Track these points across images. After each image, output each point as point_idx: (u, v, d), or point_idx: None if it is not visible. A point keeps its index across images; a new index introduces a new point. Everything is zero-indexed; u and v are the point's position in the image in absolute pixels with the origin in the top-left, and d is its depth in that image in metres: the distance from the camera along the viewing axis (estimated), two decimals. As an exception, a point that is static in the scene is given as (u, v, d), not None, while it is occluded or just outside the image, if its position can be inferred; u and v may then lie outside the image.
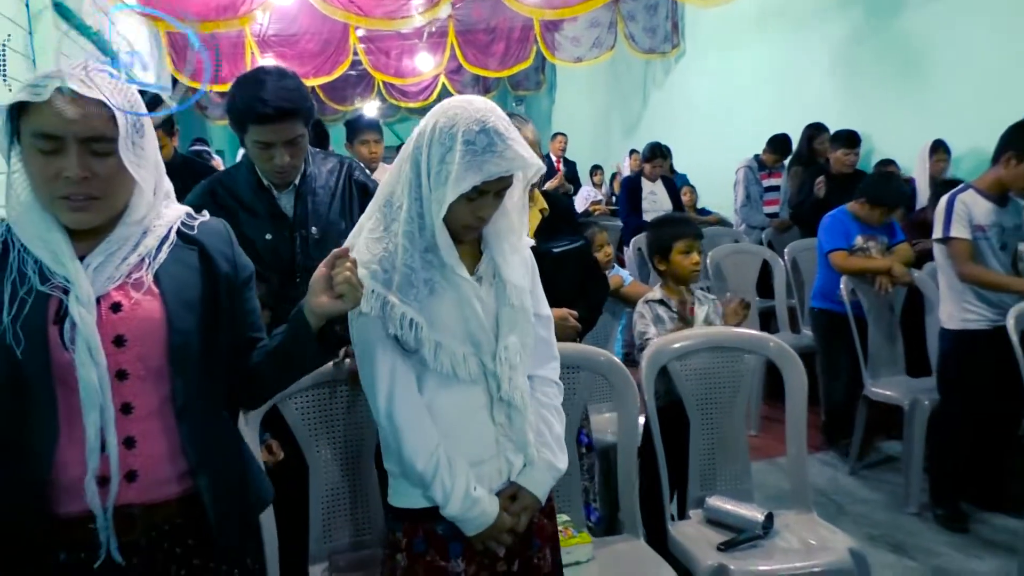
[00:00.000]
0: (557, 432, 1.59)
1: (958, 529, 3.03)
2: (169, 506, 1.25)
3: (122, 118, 1.17)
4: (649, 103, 9.60)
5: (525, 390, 1.51)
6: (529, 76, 11.37)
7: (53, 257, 1.18)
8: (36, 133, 1.14)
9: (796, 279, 4.58)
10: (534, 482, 1.52)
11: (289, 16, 7.20)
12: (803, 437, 2.29)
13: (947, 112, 4.85)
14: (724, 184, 6.59)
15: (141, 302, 1.22)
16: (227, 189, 2.13)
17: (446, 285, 1.43)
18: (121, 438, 1.19)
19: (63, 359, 1.15)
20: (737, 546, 2.07)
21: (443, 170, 1.36)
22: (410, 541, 1.50)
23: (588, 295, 2.36)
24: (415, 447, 1.42)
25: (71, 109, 1.13)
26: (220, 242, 1.35)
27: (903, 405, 3.30)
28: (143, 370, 1.21)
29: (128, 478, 1.20)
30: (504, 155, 1.35)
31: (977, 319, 2.98)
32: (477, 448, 1.49)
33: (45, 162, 1.15)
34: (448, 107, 1.41)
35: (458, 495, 1.42)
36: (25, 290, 1.17)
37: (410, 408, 1.43)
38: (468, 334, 1.45)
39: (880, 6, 5.46)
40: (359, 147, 4.06)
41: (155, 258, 1.25)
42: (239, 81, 2.03)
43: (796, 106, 6.27)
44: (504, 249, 1.51)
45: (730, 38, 7.37)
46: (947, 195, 3.06)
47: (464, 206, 1.39)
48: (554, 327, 2.15)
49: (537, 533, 1.59)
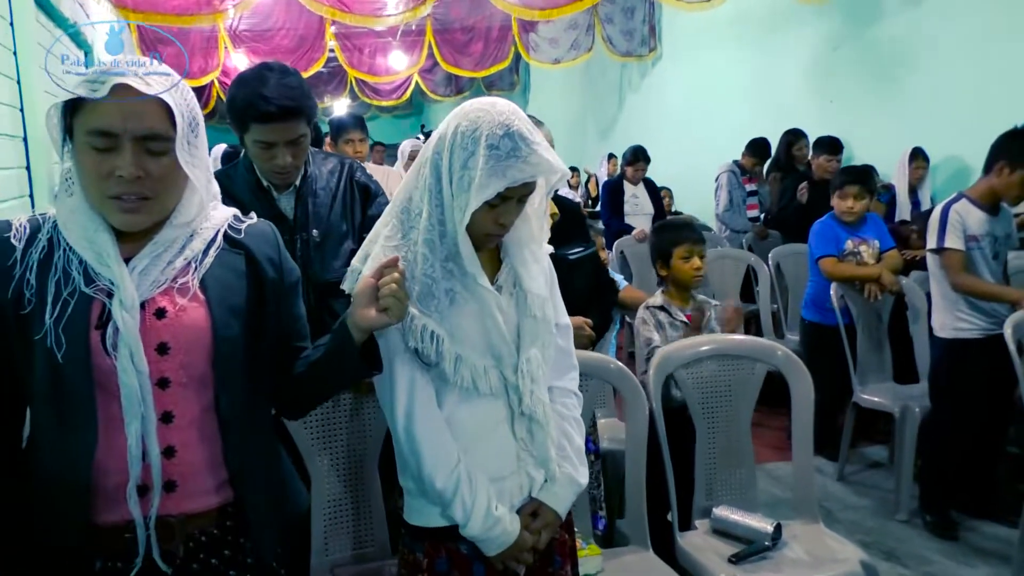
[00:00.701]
0: (578, 445, 1.55)
1: (948, 537, 3.05)
2: (207, 516, 1.23)
3: (180, 116, 1.13)
4: (625, 106, 9.63)
5: (547, 403, 1.47)
6: (503, 76, 11.33)
7: (98, 258, 1.14)
8: (91, 130, 1.10)
9: (780, 284, 4.60)
10: (555, 498, 1.48)
11: (263, 11, 7.06)
12: (809, 447, 2.28)
13: (925, 119, 4.92)
14: (699, 188, 6.63)
15: (187, 309, 1.18)
16: (224, 189, 2.01)
17: (467, 296, 1.38)
18: (161, 447, 1.16)
19: (105, 365, 1.12)
20: (747, 558, 2.04)
21: (466, 176, 1.31)
22: (431, 561, 1.44)
23: (600, 302, 2.33)
24: (435, 465, 1.37)
25: (129, 107, 1.10)
26: (267, 246, 1.31)
27: (893, 412, 3.31)
28: (185, 378, 1.18)
29: (167, 488, 1.18)
30: (529, 160, 1.30)
31: (969, 328, 3.00)
32: (498, 463, 1.44)
33: (99, 160, 1.11)
34: (470, 110, 1.35)
35: (479, 514, 1.38)
36: (69, 291, 1.13)
37: (429, 424, 1.38)
38: (489, 346, 1.40)
39: (857, 13, 5.52)
40: (343, 146, 3.98)
41: (201, 263, 1.22)
42: (240, 78, 1.94)
43: (772, 111, 6.33)
44: (525, 258, 1.46)
45: (707, 42, 7.42)
46: (941, 205, 3.08)
47: (486, 213, 1.34)
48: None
49: (558, 549, 1.55)
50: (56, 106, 1.13)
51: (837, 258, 3.62)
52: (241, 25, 7.55)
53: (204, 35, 7.15)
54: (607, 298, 2.40)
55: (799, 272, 4.45)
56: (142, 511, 1.15)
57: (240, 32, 7.73)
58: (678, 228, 2.72)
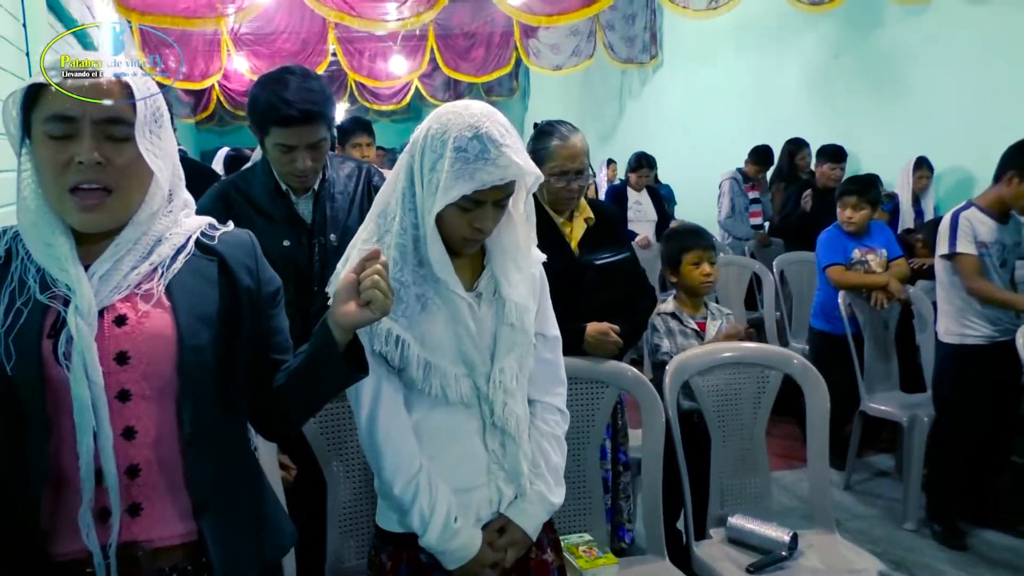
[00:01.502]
0: (555, 463, 1.51)
1: (956, 546, 3.04)
2: (177, 550, 1.12)
3: (140, 102, 1.09)
4: (625, 113, 9.65)
5: (521, 417, 1.44)
6: (503, 82, 11.36)
7: (56, 263, 1.07)
8: (49, 117, 1.05)
9: (784, 292, 4.60)
10: (524, 515, 1.45)
11: (266, 15, 7.05)
12: (825, 456, 2.28)
13: (928, 128, 4.93)
14: (698, 195, 6.63)
15: (150, 314, 1.10)
16: (242, 193, 2.03)
17: (439, 302, 1.36)
18: (123, 466, 1.07)
19: (58, 376, 1.04)
20: (765, 568, 2.03)
21: (434, 178, 1.29)
22: (395, 566, 1.43)
23: (635, 308, 2.31)
24: (394, 470, 1.35)
25: (87, 87, 1.06)
26: (243, 254, 1.23)
27: (901, 421, 3.31)
28: (149, 390, 1.09)
29: (131, 511, 1.08)
30: (497, 163, 1.27)
31: (975, 335, 3.01)
32: (467, 474, 1.42)
33: (57, 148, 1.05)
34: (443, 112, 1.34)
35: (437, 525, 1.35)
36: (23, 300, 1.06)
37: (392, 429, 1.36)
38: (461, 354, 1.37)
39: (859, 21, 5.54)
40: (350, 150, 3.95)
41: (168, 268, 1.14)
42: (261, 81, 1.93)
43: (773, 119, 6.35)
44: (507, 266, 1.42)
45: (708, 50, 7.43)
46: (950, 212, 3.09)
47: (460, 217, 1.32)
48: (592, 342, 2.12)
49: (535, 569, 1.50)
50: (15, 96, 1.07)
51: (844, 267, 3.62)
52: (243, 28, 7.54)
53: (206, 38, 7.15)
54: (642, 305, 2.37)
55: (804, 280, 4.45)
56: (102, 538, 1.05)
57: (242, 35, 7.72)
58: (688, 235, 2.72)
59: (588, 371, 2.09)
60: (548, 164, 2.22)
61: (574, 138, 2.22)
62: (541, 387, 1.53)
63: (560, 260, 2.20)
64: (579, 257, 2.24)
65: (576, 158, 2.20)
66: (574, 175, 2.20)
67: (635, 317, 2.30)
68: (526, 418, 1.46)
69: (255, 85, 1.93)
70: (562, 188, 2.22)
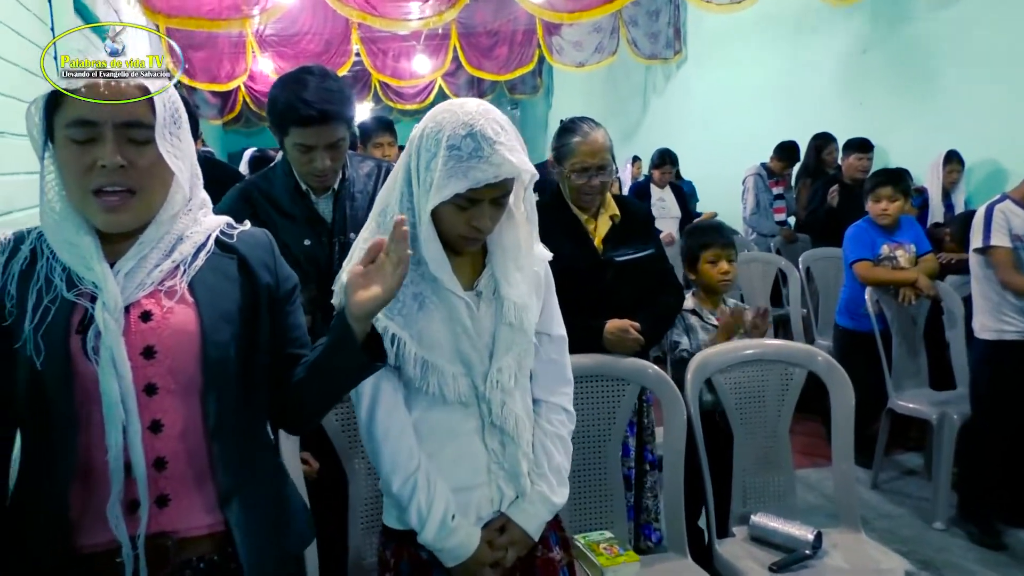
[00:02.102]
0: (557, 463, 1.50)
1: (992, 546, 2.99)
2: (204, 541, 1.16)
3: (160, 105, 1.11)
4: (649, 109, 9.60)
5: (520, 417, 1.43)
6: (526, 80, 11.35)
7: (82, 262, 1.10)
8: (71, 122, 1.07)
9: (810, 288, 4.55)
10: (524, 515, 1.44)
11: (290, 16, 7.11)
12: (850, 454, 2.25)
13: (957, 122, 4.84)
14: (724, 191, 6.58)
15: (174, 310, 1.13)
16: (263, 193, 2.05)
17: (437, 301, 1.36)
18: (151, 459, 1.10)
19: (86, 371, 1.07)
20: (788, 567, 2.01)
21: (428, 177, 1.29)
22: (396, 562, 1.44)
23: (657, 306, 2.29)
24: (392, 467, 1.36)
25: (107, 93, 1.08)
26: (262, 252, 1.27)
27: (931, 419, 3.26)
28: (174, 384, 1.12)
29: (159, 503, 1.11)
30: (491, 160, 1.26)
31: (1013, 330, 2.96)
32: (466, 474, 1.42)
33: (80, 152, 1.08)
34: (438, 111, 1.34)
35: (434, 522, 1.35)
36: (50, 298, 1.09)
37: (391, 427, 1.36)
38: (459, 353, 1.37)
39: (887, 14, 5.46)
40: (372, 150, 3.97)
41: (191, 265, 1.17)
42: (281, 81, 1.95)
43: (799, 115, 6.27)
44: (507, 266, 1.42)
45: (733, 45, 7.37)
46: (984, 205, 3.04)
47: (457, 215, 1.31)
48: (612, 340, 2.11)
49: (541, 568, 1.50)
50: (37, 102, 1.10)
51: (872, 262, 3.57)
52: (268, 30, 7.60)
53: (231, 40, 7.22)
54: (666, 302, 2.35)
55: (830, 276, 4.40)
56: (130, 529, 1.08)
57: (267, 37, 7.79)
58: (707, 231, 2.70)
59: (609, 368, 2.09)
60: (569, 160, 2.22)
61: (595, 134, 2.22)
62: (546, 387, 1.53)
63: (583, 257, 2.20)
64: (602, 254, 2.24)
65: (597, 154, 2.20)
66: (596, 171, 2.19)
67: (657, 314, 2.28)
68: (526, 418, 1.46)
69: (274, 86, 1.95)
70: (584, 184, 2.22)
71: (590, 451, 2.07)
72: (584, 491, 2.07)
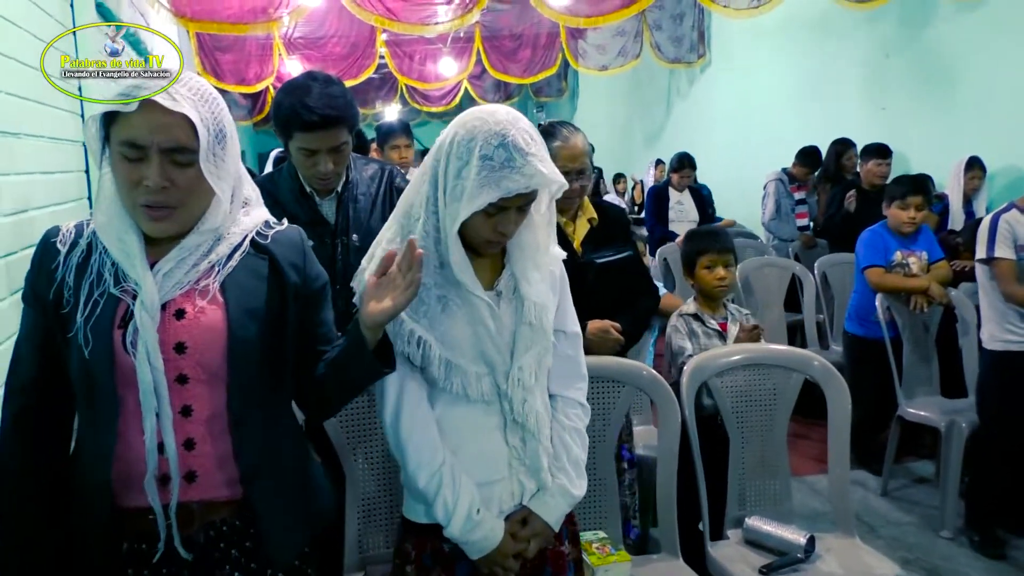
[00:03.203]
0: (576, 456, 1.54)
1: (995, 555, 2.97)
2: (228, 506, 1.27)
3: (204, 131, 1.18)
4: (672, 112, 9.58)
5: (540, 413, 1.47)
6: (551, 83, 11.38)
7: (127, 260, 1.21)
8: (123, 141, 1.17)
9: (826, 294, 4.53)
10: (546, 507, 1.48)
11: (317, 19, 7.22)
12: (846, 459, 2.25)
13: (980, 128, 4.79)
14: (746, 195, 6.56)
15: (205, 310, 1.24)
16: (269, 195, 2.09)
17: (460, 303, 1.40)
18: (181, 440, 1.22)
19: (126, 362, 1.19)
20: (778, 570, 2.02)
21: (459, 185, 1.33)
22: (419, 555, 1.48)
23: (636, 307, 2.33)
24: (418, 463, 1.40)
25: (155, 120, 1.16)
26: (292, 252, 1.34)
27: (939, 427, 3.24)
28: (204, 375, 1.23)
29: (188, 478, 1.23)
30: (523, 171, 1.30)
31: (1020, 340, 2.93)
32: (488, 469, 1.46)
33: (130, 169, 1.18)
34: (469, 118, 1.37)
35: (460, 516, 1.39)
36: (100, 292, 1.21)
37: (416, 423, 1.41)
38: (481, 354, 1.42)
39: (910, 19, 5.41)
40: (390, 152, 4.05)
41: (224, 266, 1.27)
42: (285, 87, 2.01)
43: (822, 119, 6.24)
44: (526, 265, 1.46)
45: (757, 49, 7.34)
46: (990, 214, 3.01)
47: (484, 221, 1.35)
48: (594, 340, 2.15)
49: (551, 560, 1.54)
50: (94, 118, 1.20)
51: (884, 269, 3.55)
52: (295, 33, 7.72)
53: (259, 43, 7.34)
54: (644, 304, 2.39)
55: (846, 282, 4.37)
56: (163, 499, 1.21)
57: (294, 39, 7.91)
58: (704, 237, 2.70)
59: (604, 370, 2.11)
60: None
61: (575, 139, 2.25)
62: (562, 382, 1.57)
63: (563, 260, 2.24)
64: (581, 257, 2.27)
65: (577, 158, 2.23)
66: (575, 175, 2.23)
67: (637, 315, 2.32)
68: (546, 414, 1.50)
69: (279, 91, 2.01)
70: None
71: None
72: (578, 491, 2.10)
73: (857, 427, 3.64)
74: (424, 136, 14.12)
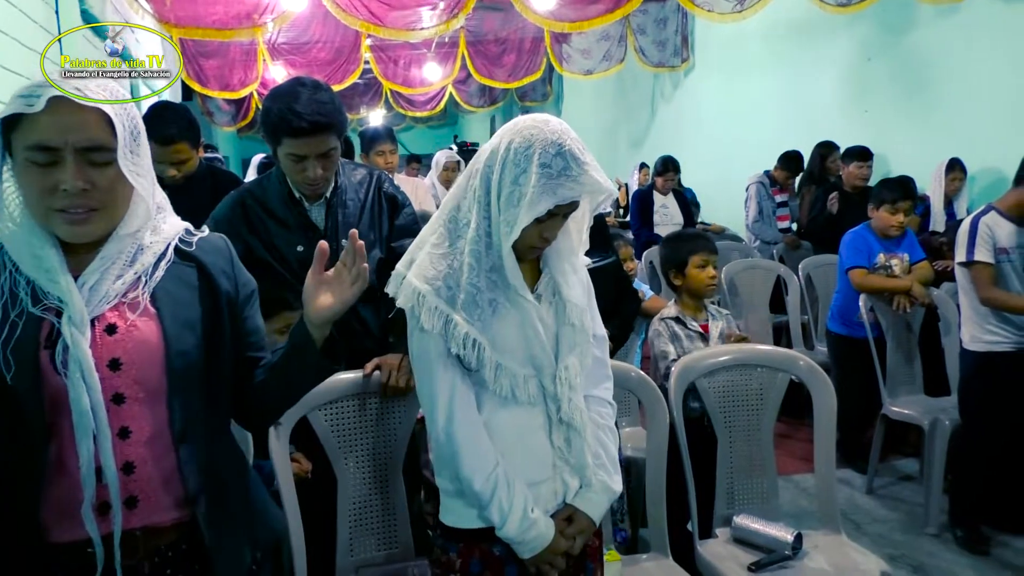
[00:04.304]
0: (612, 453, 1.57)
1: (978, 551, 3.01)
2: (172, 530, 1.21)
3: (120, 126, 1.12)
4: (657, 116, 9.63)
5: (584, 411, 1.50)
6: (536, 87, 11.41)
7: (46, 275, 1.12)
8: (31, 146, 1.09)
9: (810, 295, 4.58)
10: (591, 504, 1.51)
11: (301, 24, 7.21)
12: (831, 457, 2.28)
13: (961, 130, 4.85)
14: (731, 199, 6.60)
15: (137, 324, 1.17)
16: (258, 200, 2.12)
17: (509, 306, 1.42)
18: (120, 463, 1.14)
19: (56, 383, 1.10)
20: (766, 567, 2.05)
21: (516, 191, 1.35)
22: (465, 562, 1.48)
23: (620, 311, 2.36)
24: (473, 466, 1.41)
25: (67, 119, 1.09)
26: (220, 259, 1.29)
27: (923, 425, 3.28)
28: (142, 393, 1.16)
29: (128, 504, 1.15)
30: (579, 180, 1.34)
31: (1000, 341, 2.97)
32: (534, 469, 1.48)
33: (40, 175, 1.09)
34: (523, 127, 1.39)
35: (516, 516, 1.41)
36: (17, 312, 1.11)
37: (470, 427, 1.42)
38: (530, 356, 1.44)
39: (891, 24, 5.47)
40: (375, 158, 4.06)
41: (151, 276, 1.20)
42: (274, 93, 2.01)
43: (805, 122, 6.30)
44: (564, 268, 1.50)
45: (740, 53, 7.40)
46: (970, 217, 3.05)
47: (533, 228, 1.38)
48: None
49: (591, 555, 1.58)
50: None
51: (867, 270, 3.60)
52: (280, 38, 7.72)
53: (244, 48, 7.33)
54: (628, 307, 2.42)
55: (829, 283, 4.41)
56: (102, 529, 1.12)
57: (279, 45, 7.90)
58: (694, 238, 2.75)
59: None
60: None
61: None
62: (592, 382, 1.59)
63: None
64: None
65: None
66: None
67: (623, 319, 2.34)
68: (587, 413, 1.52)
69: (267, 97, 2.02)
70: None
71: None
72: (568, 492, 2.11)
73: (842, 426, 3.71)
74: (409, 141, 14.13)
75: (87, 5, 2.90)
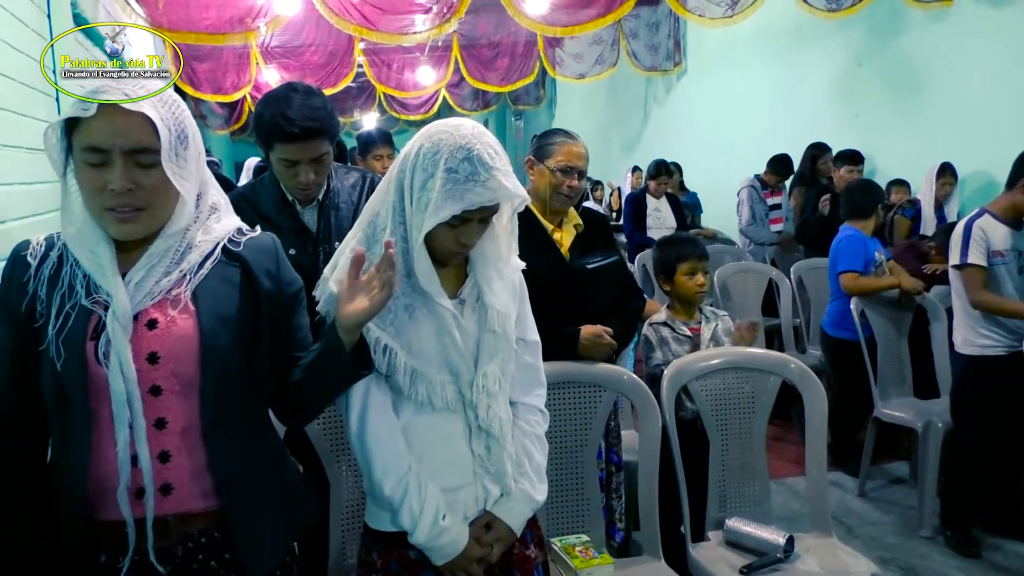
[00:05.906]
0: (537, 462, 1.56)
1: (969, 554, 3.02)
2: (206, 518, 1.26)
3: (164, 130, 1.18)
4: (649, 120, 9.67)
5: (504, 419, 1.49)
6: (529, 91, 11.43)
7: (99, 271, 1.20)
8: (84, 147, 1.17)
9: (802, 298, 4.60)
10: (509, 512, 1.50)
11: (294, 28, 7.20)
12: (823, 460, 2.29)
13: (951, 134, 4.89)
14: (724, 201, 6.63)
15: (176, 320, 1.23)
16: (251, 204, 2.12)
17: (426, 312, 1.41)
18: (155, 452, 1.21)
19: (99, 374, 1.18)
20: (758, 570, 2.05)
21: (424, 196, 1.34)
22: (385, 563, 1.48)
23: (625, 310, 2.36)
24: (384, 471, 1.40)
25: (116, 123, 1.16)
26: (265, 258, 1.34)
27: (916, 428, 3.30)
28: (178, 386, 1.22)
29: (163, 491, 1.22)
30: (487, 185, 1.32)
31: (992, 344, 2.99)
32: (453, 475, 1.47)
33: (93, 175, 1.17)
34: (434, 131, 1.38)
35: (426, 522, 1.40)
36: (71, 304, 1.20)
37: (381, 431, 1.41)
38: (447, 362, 1.43)
39: (881, 28, 5.51)
40: (372, 161, 4.05)
41: (196, 275, 1.26)
42: (266, 98, 2.02)
43: (797, 126, 6.33)
44: (490, 275, 1.48)
45: (732, 57, 7.44)
46: (964, 220, 3.06)
47: (447, 232, 1.37)
48: (588, 345, 2.17)
49: (518, 564, 1.55)
50: (53, 127, 1.19)
51: (859, 274, 3.62)
52: (273, 42, 7.69)
53: (236, 52, 7.31)
54: (632, 307, 2.42)
55: (821, 286, 4.44)
56: (136, 513, 1.19)
57: (272, 49, 7.88)
58: (683, 244, 2.72)
59: (585, 375, 2.14)
60: (555, 158, 2.29)
61: (580, 141, 2.32)
62: (522, 389, 1.58)
63: (554, 267, 2.26)
64: (570, 263, 2.30)
65: (581, 157, 2.30)
66: (577, 175, 2.27)
67: (627, 318, 2.35)
68: (509, 420, 1.52)
69: (260, 102, 2.02)
70: (564, 183, 2.28)
71: (567, 456, 2.13)
72: (561, 495, 2.12)
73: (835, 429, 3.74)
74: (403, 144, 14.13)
75: (79, 9, 2.90)
